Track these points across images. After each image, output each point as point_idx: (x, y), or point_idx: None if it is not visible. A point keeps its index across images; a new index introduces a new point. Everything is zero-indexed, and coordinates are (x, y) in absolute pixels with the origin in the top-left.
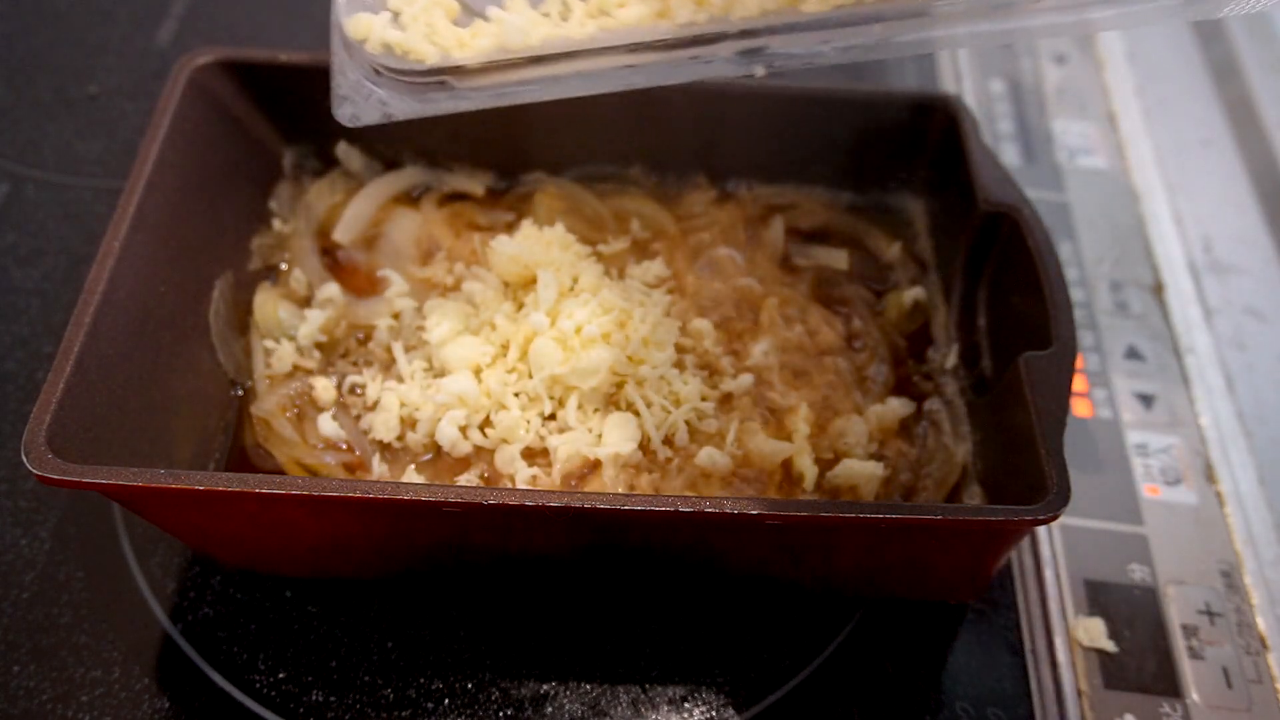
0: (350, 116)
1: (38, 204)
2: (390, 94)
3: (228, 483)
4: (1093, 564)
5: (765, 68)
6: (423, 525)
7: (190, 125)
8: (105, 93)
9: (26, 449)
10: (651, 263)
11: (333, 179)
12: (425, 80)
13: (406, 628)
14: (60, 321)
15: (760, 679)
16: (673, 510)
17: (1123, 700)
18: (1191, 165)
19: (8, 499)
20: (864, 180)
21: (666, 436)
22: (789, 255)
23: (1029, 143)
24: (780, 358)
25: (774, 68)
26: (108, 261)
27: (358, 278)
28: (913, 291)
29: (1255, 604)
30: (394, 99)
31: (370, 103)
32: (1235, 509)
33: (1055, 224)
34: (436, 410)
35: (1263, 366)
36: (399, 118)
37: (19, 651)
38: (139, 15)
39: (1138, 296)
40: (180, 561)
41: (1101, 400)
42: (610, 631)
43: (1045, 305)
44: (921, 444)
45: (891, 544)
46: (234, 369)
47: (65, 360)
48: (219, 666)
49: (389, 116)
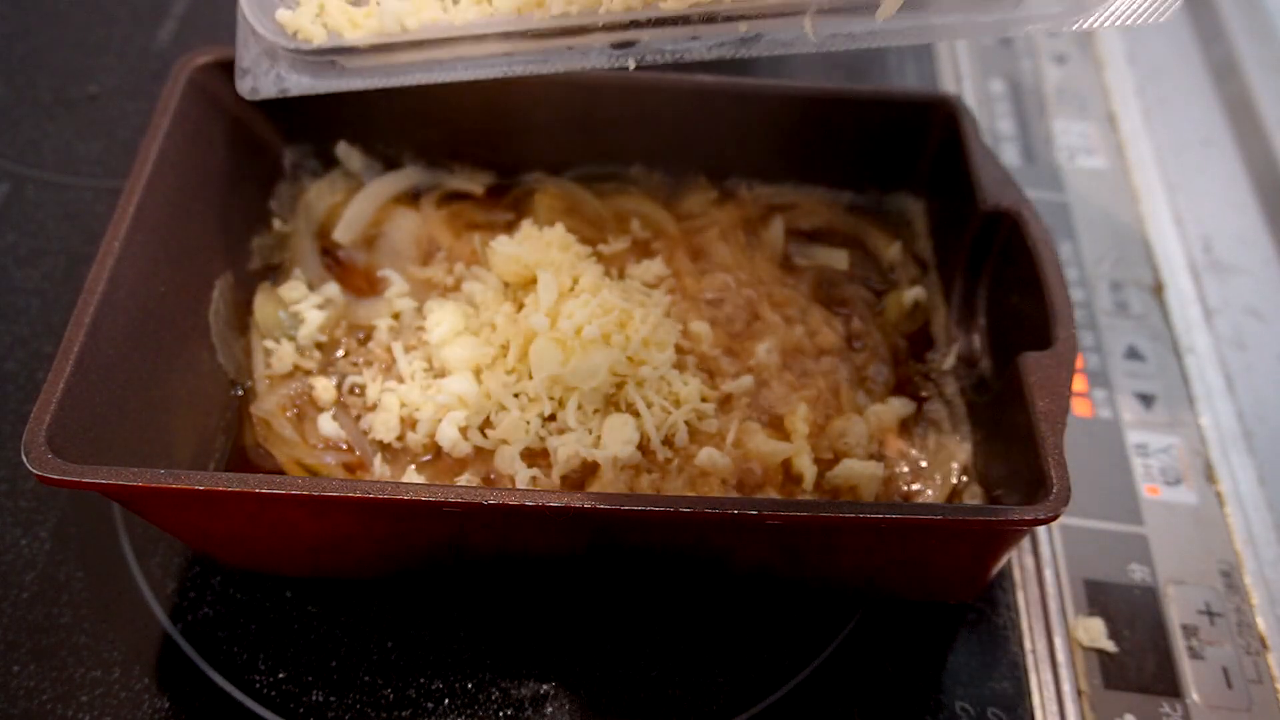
0: (250, 90)
1: (38, 204)
2: (287, 70)
3: (228, 483)
4: (1093, 564)
5: (636, 61)
6: (423, 525)
7: (190, 125)
8: (105, 93)
9: (26, 449)
10: (651, 263)
11: (333, 179)
12: (316, 59)
13: (406, 628)
14: (60, 321)
15: (760, 679)
16: (673, 510)
17: (1123, 700)
18: (1191, 165)
19: (8, 499)
20: (864, 180)
21: (666, 437)
22: (789, 255)
23: (1029, 143)
24: (780, 358)
25: (645, 61)
26: (108, 261)
27: (358, 278)
28: (913, 291)
29: (1255, 604)
30: (290, 75)
31: (269, 78)
32: (1235, 509)
33: (1055, 224)
34: (436, 411)
35: (1263, 366)
36: (295, 93)
37: (19, 651)
38: (139, 15)
39: (1138, 296)
40: (180, 561)
41: (1101, 400)
42: (610, 631)
43: (1045, 305)
44: (921, 444)
45: (891, 544)
46: (234, 369)
47: (65, 360)
48: (219, 666)
49: (285, 91)
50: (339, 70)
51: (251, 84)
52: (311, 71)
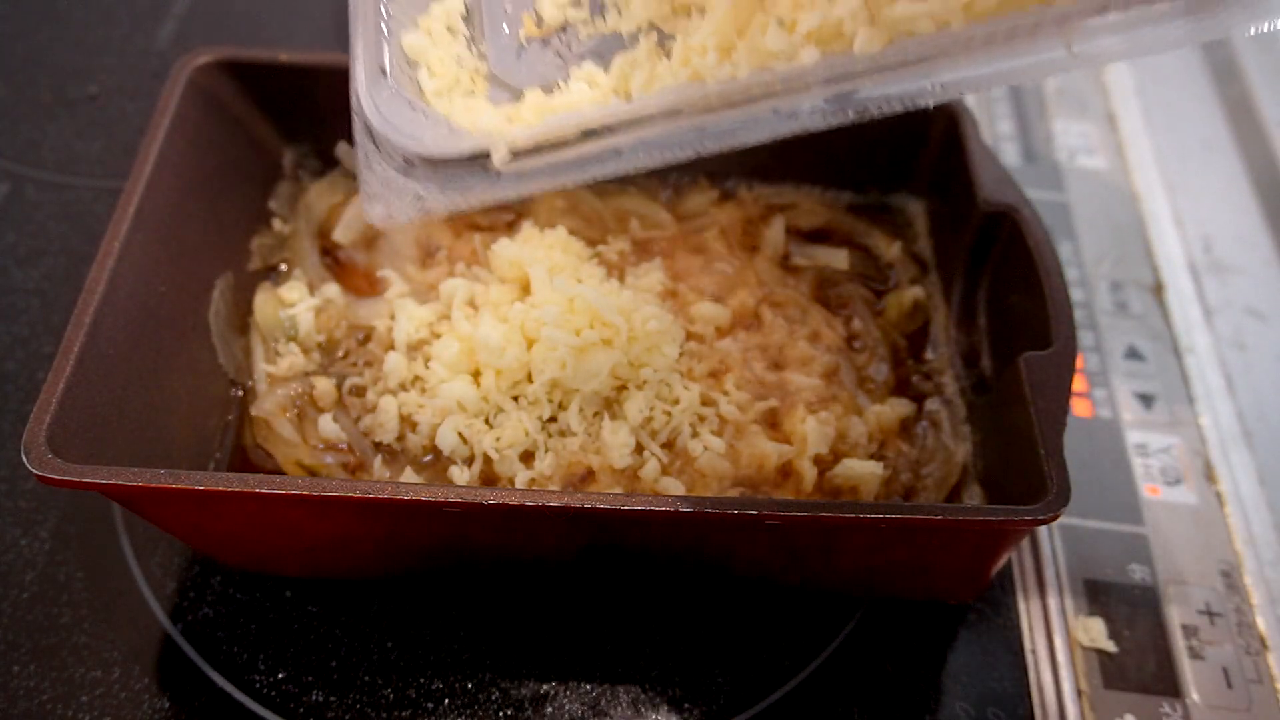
0: (383, 216)
1: (38, 204)
2: (426, 187)
3: (228, 483)
4: (1093, 564)
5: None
6: (423, 525)
7: (190, 125)
8: (105, 93)
9: (26, 449)
10: (651, 263)
11: (333, 179)
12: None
13: (406, 628)
14: (60, 321)
15: (760, 679)
16: (673, 510)
17: (1123, 700)
18: (1191, 165)
19: (8, 499)
20: (864, 180)
21: (667, 439)
22: (789, 255)
23: (1029, 143)
24: (780, 358)
25: (868, 115)
26: (108, 261)
27: (358, 278)
28: (913, 291)
29: (1255, 604)
30: (431, 192)
31: (404, 199)
32: (1235, 509)
33: (1055, 224)
34: (436, 413)
35: (1263, 366)
36: (438, 213)
37: (19, 651)
38: (139, 15)
39: (1138, 296)
40: (180, 561)
41: (1101, 400)
42: (610, 631)
43: (1045, 305)
44: (921, 444)
45: (891, 544)
46: (234, 369)
47: (65, 360)
48: (219, 666)
49: (426, 212)
50: (493, 177)
51: (384, 210)
52: (457, 184)
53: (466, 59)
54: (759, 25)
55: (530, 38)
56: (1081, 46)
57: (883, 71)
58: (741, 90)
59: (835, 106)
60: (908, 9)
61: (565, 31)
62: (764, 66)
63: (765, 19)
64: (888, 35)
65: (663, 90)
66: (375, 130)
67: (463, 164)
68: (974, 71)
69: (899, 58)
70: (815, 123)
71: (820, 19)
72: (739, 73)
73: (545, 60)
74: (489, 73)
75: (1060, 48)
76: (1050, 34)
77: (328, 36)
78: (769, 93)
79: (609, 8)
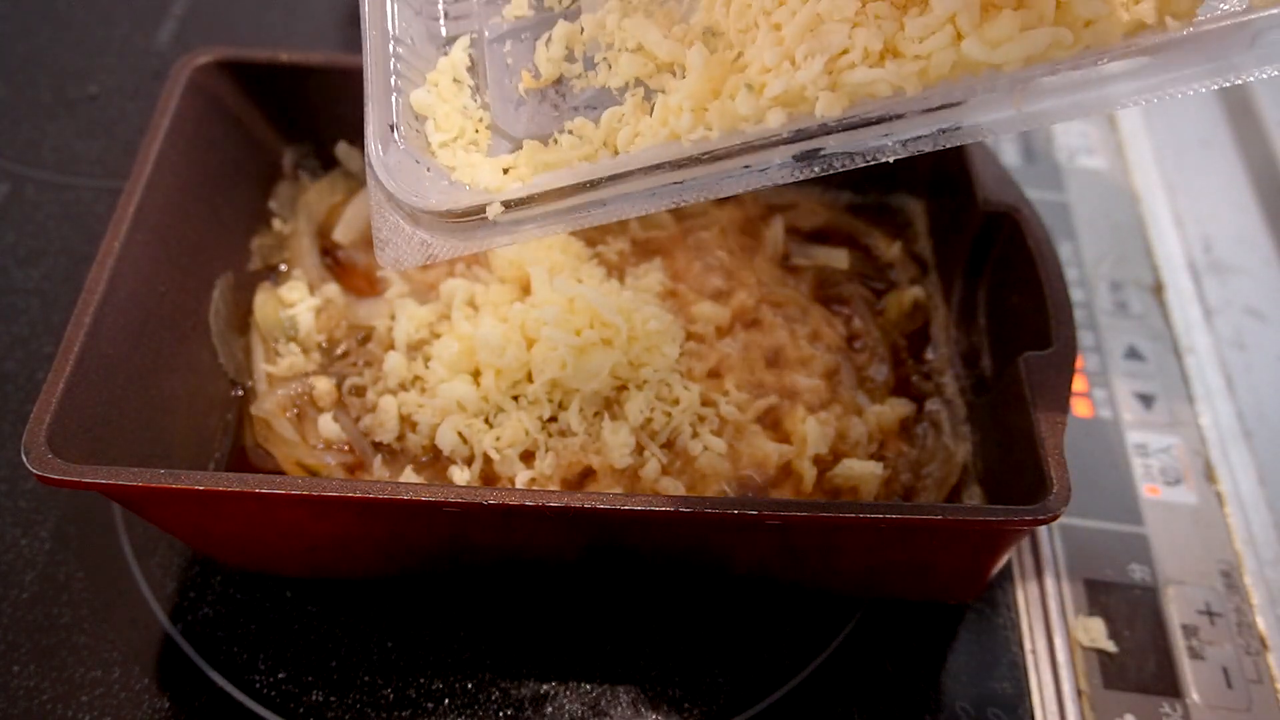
0: (393, 260)
1: (38, 204)
2: (432, 234)
3: (228, 483)
4: (1093, 564)
5: (822, 169)
6: (423, 525)
7: (190, 125)
8: (105, 93)
9: (26, 449)
10: (651, 263)
11: (333, 179)
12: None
13: (406, 628)
14: (60, 321)
15: (760, 679)
16: (673, 510)
17: (1123, 700)
18: (1191, 165)
19: (8, 499)
20: (864, 180)
21: (667, 439)
22: (789, 255)
23: (1029, 143)
24: (780, 358)
25: (834, 169)
26: (108, 261)
27: (357, 278)
28: (913, 291)
29: (1255, 604)
30: (437, 239)
31: (412, 245)
32: (1235, 509)
33: (1055, 224)
34: (435, 413)
35: (1263, 366)
36: (444, 257)
37: (19, 651)
38: (139, 15)
39: (1138, 296)
40: (180, 561)
41: (1101, 400)
42: (610, 631)
43: (1045, 305)
44: (921, 444)
45: (891, 544)
46: (234, 369)
47: (65, 360)
48: (219, 666)
49: (432, 257)
50: (491, 226)
51: (394, 255)
52: (460, 233)
53: (471, 108)
54: (730, 89)
55: (529, 90)
56: (1030, 107)
57: (845, 131)
58: (716, 148)
59: (803, 164)
60: (866, 75)
61: (561, 84)
62: (734, 130)
63: (737, 83)
64: (848, 99)
65: (645, 148)
66: (385, 188)
67: (462, 216)
68: (931, 129)
69: (860, 118)
70: (785, 177)
71: (785, 85)
72: (712, 135)
73: (542, 112)
74: (491, 122)
75: (1009, 108)
76: (1003, 96)
77: (328, 36)
78: (741, 150)
79: (600, 63)
